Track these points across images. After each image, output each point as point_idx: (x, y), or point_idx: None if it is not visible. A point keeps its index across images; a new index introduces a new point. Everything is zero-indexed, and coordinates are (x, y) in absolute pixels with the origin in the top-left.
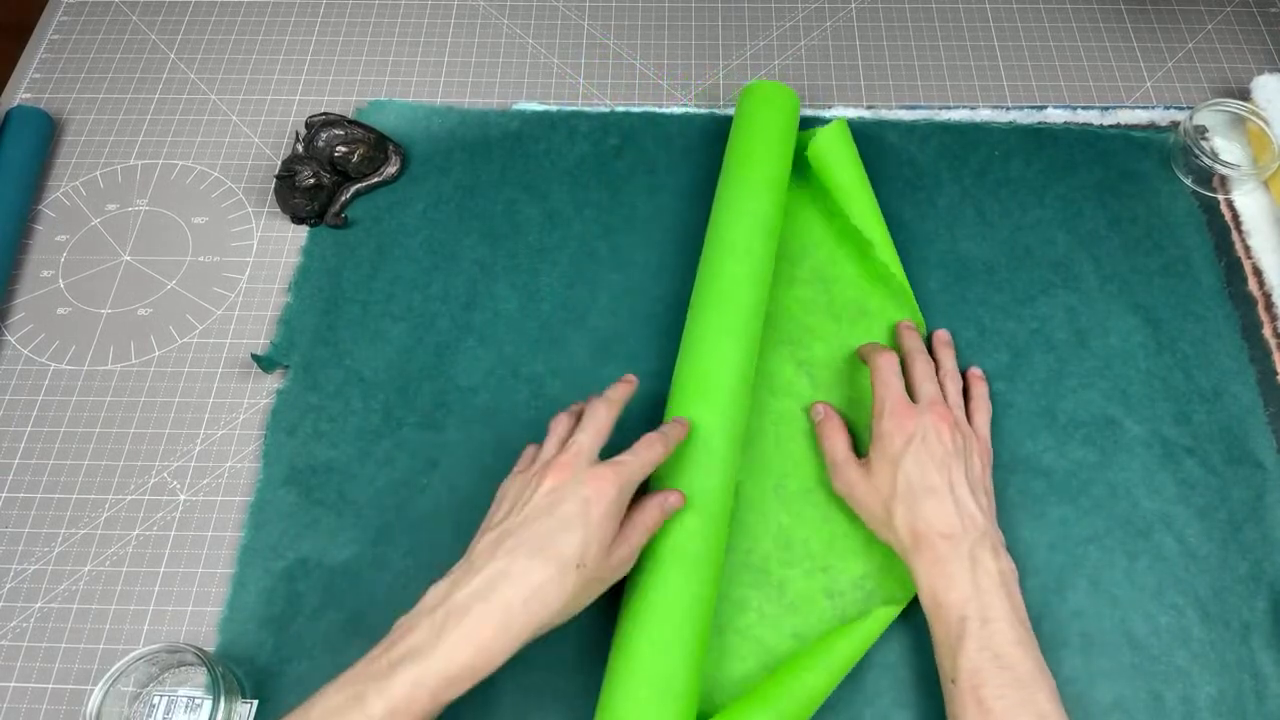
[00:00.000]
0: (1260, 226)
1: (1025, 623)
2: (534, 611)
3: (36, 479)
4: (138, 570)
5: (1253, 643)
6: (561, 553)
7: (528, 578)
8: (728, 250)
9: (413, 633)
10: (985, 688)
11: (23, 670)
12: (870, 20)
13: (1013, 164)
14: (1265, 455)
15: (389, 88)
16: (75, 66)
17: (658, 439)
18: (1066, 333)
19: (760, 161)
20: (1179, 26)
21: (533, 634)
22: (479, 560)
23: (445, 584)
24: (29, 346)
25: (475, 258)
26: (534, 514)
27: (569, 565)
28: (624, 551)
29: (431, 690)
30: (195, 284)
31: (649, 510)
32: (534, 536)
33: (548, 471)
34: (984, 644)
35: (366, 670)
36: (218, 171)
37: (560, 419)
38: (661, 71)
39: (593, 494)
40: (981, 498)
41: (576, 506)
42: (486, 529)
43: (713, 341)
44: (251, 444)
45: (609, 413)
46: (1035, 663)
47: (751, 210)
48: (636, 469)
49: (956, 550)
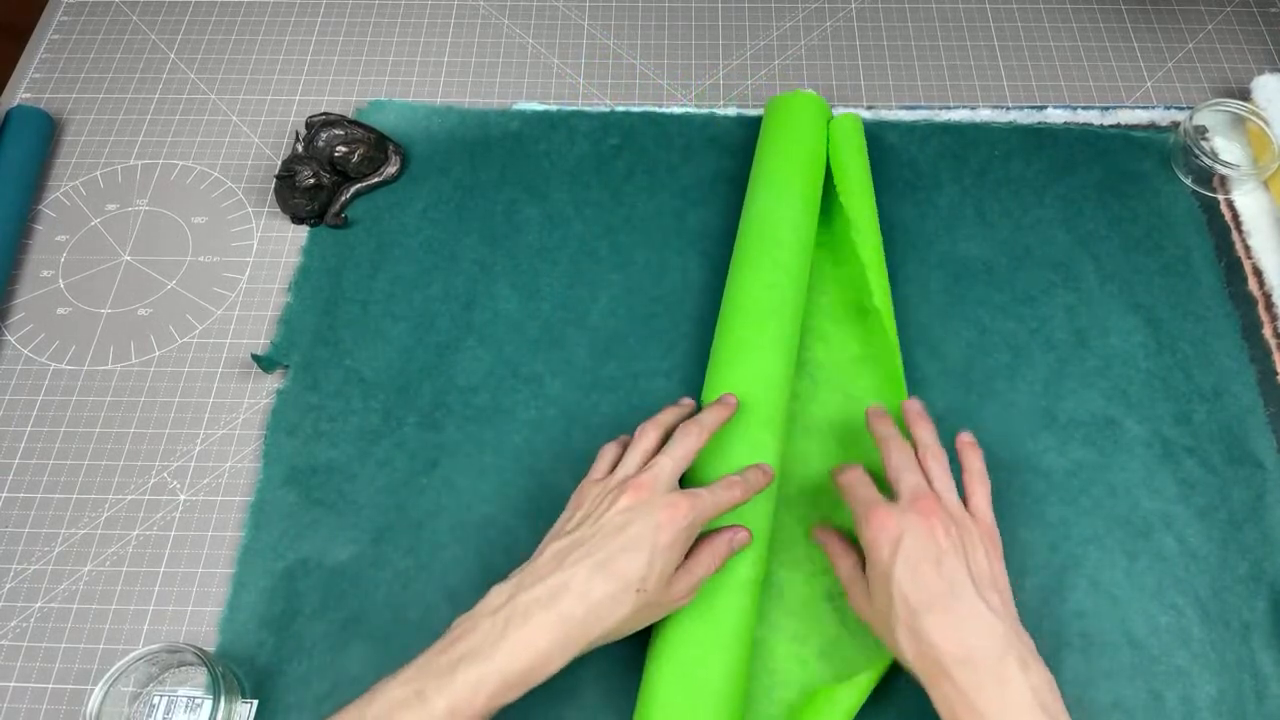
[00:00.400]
0: (1260, 226)
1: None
2: (590, 626)
3: (36, 479)
4: (138, 570)
5: (1253, 643)
6: (624, 572)
7: (589, 593)
8: (776, 267)
9: (474, 633)
10: None
11: (23, 670)
12: (870, 20)
13: (1013, 164)
14: (1265, 455)
15: (389, 88)
16: (75, 66)
17: (738, 483)
18: (1066, 333)
19: (801, 175)
20: (1179, 26)
21: (586, 648)
22: (544, 567)
23: (509, 586)
24: (29, 346)
25: (475, 258)
26: (604, 530)
27: (629, 586)
28: (686, 583)
29: (490, 692)
30: (195, 284)
31: (717, 545)
32: (600, 552)
33: (625, 488)
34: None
35: (427, 666)
36: (218, 171)
37: (647, 432)
38: (661, 71)
39: (665, 520)
40: (994, 597)
41: (647, 530)
42: (556, 535)
43: (771, 366)
44: (251, 444)
45: (699, 439)
46: None
47: (796, 225)
48: (710, 506)
49: (978, 678)
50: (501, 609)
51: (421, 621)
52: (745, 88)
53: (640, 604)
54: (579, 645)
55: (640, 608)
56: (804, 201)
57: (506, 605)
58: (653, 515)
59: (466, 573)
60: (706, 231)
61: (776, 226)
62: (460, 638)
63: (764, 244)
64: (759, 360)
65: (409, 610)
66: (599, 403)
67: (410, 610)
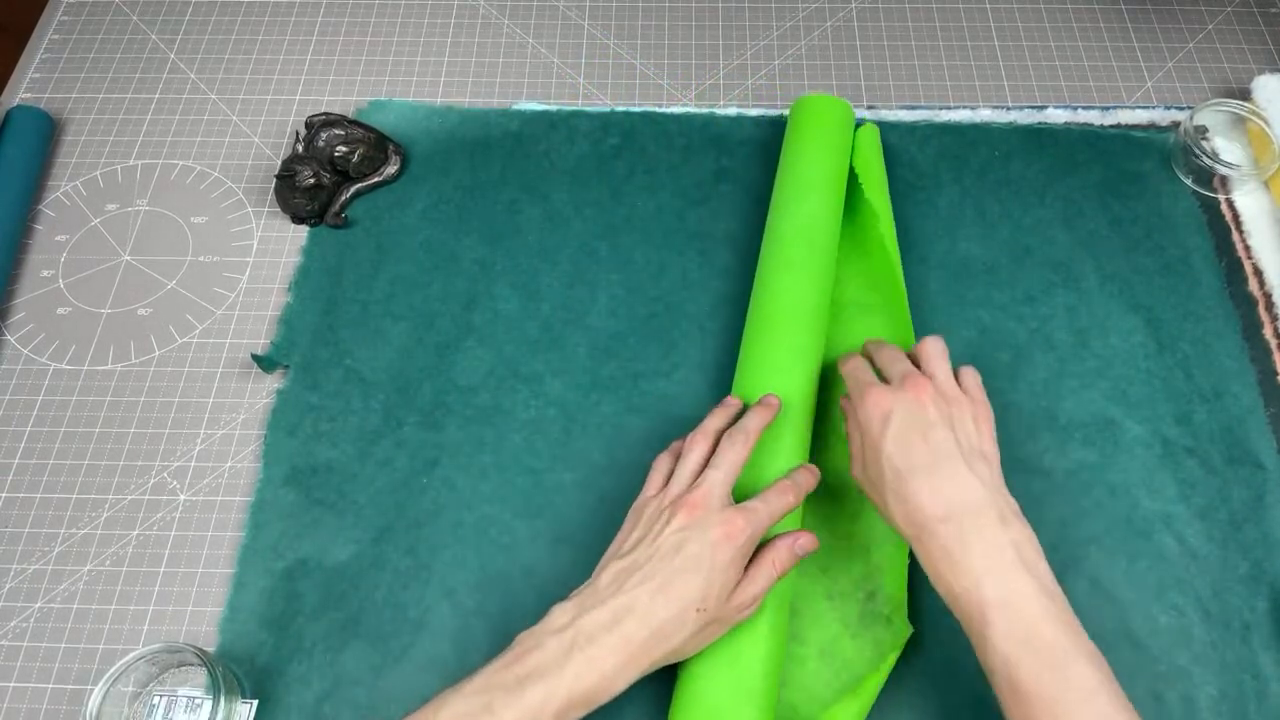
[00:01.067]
0: (1260, 227)
1: (1050, 592)
2: (654, 648)
3: (36, 479)
4: (138, 570)
5: (1253, 643)
6: (683, 594)
7: (651, 616)
8: (806, 271)
9: (539, 650)
10: (1020, 674)
11: (23, 670)
12: (870, 20)
13: (1013, 164)
14: (1265, 455)
15: (389, 88)
16: (75, 66)
17: (789, 488)
18: (1066, 333)
19: (835, 180)
20: (1179, 26)
21: (650, 668)
22: (605, 590)
23: (571, 606)
24: (29, 346)
25: (475, 258)
26: (661, 551)
27: (690, 607)
28: (747, 595)
29: (555, 711)
30: (195, 284)
31: (779, 552)
32: (659, 575)
33: (679, 507)
34: (1008, 630)
35: (492, 681)
36: (218, 171)
37: (697, 443)
38: (661, 71)
39: (719, 538)
40: (980, 465)
41: (703, 550)
42: (615, 555)
43: (807, 369)
44: (251, 444)
45: (745, 447)
46: (1069, 635)
47: (831, 229)
48: (765, 517)
49: (958, 532)
50: (566, 629)
51: (421, 621)
52: (745, 88)
53: (702, 623)
54: (643, 666)
55: (703, 626)
56: (836, 207)
57: (571, 626)
58: (707, 534)
59: (466, 573)
60: (706, 231)
61: (816, 230)
62: (526, 654)
63: (812, 250)
64: (799, 364)
65: (409, 610)
66: (599, 403)
67: (410, 610)
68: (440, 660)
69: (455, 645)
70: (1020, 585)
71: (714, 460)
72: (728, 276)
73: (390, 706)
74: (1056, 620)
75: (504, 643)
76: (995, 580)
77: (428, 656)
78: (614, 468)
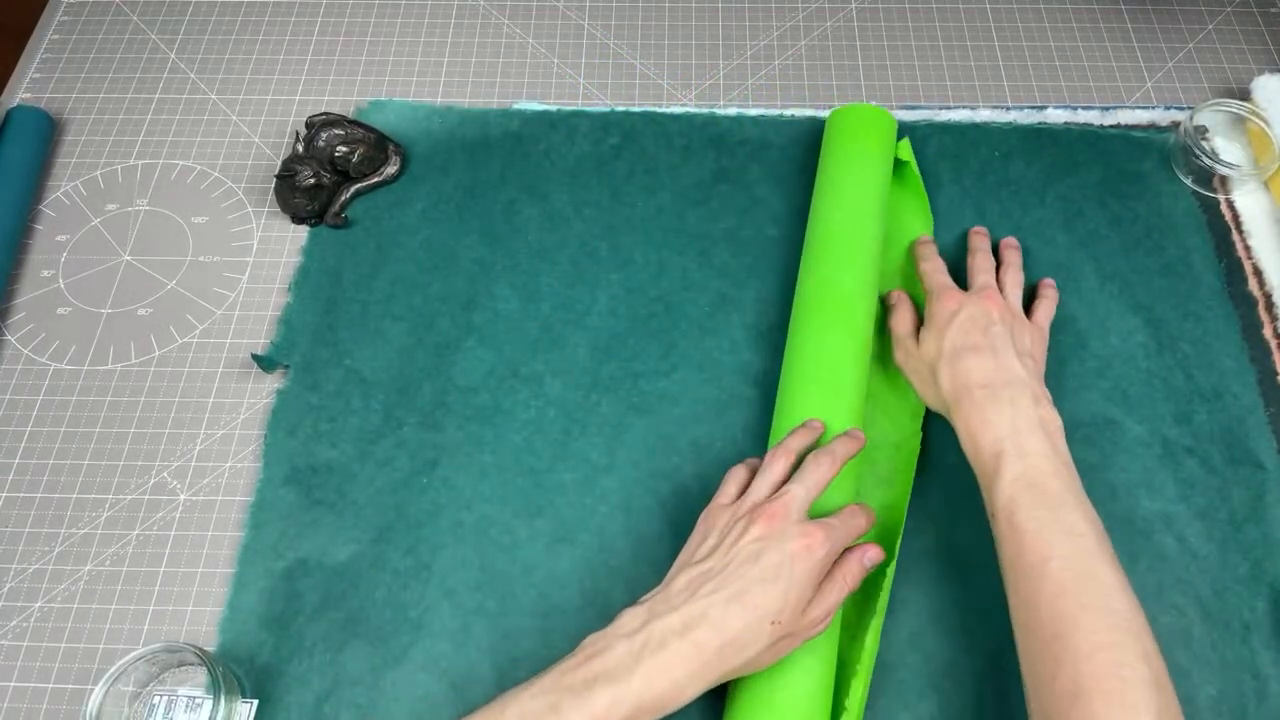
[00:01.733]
0: (1260, 227)
1: (1064, 460)
2: (726, 658)
3: (36, 479)
4: (138, 570)
5: (1253, 643)
6: (760, 604)
7: (725, 625)
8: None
9: (608, 653)
10: (1019, 513)
11: (23, 670)
12: (870, 20)
13: (1013, 164)
14: (1265, 455)
15: (389, 88)
16: (75, 66)
17: (863, 512)
18: (1066, 333)
19: (883, 196)
20: (1179, 26)
21: (720, 679)
22: (677, 597)
23: (642, 611)
24: (29, 346)
25: (475, 258)
26: (738, 560)
27: (765, 618)
28: (820, 610)
29: (622, 715)
30: (195, 284)
31: (849, 567)
32: (734, 584)
33: (757, 517)
34: (1018, 475)
35: (560, 682)
36: (218, 171)
37: (778, 459)
38: (661, 71)
39: (800, 551)
40: (1028, 360)
41: (782, 560)
42: (687, 563)
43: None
44: (251, 444)
45: (830, 469)
46: (1072, 492)
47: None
48: (843, 536)
49: (994, 396)
50: (637, 633)
51: (421, 621)
52: (745, 88)
53: (777, 636)
54: (713, 676)
55: (776, 640)
56: (882, 229)
57: (642, 631)
58: (786, 545)
59: (466, 573)
60: (706, 231)
61: (873, 264)
62: (594, 657)
63: (870, 285)
64: (854, 404)
65: (409, 610)
66: (599, 403)
67: (410, 610)
68: (440, 660)
69: (455, 645)
70: (1038, 445)
71: (798, 475)
72: (728, 276)
73: (390, 706)
74: (1063, 479)
75: (504, 643)
76: (1018, 439)
77: (428, 656)
78: (614, 468)
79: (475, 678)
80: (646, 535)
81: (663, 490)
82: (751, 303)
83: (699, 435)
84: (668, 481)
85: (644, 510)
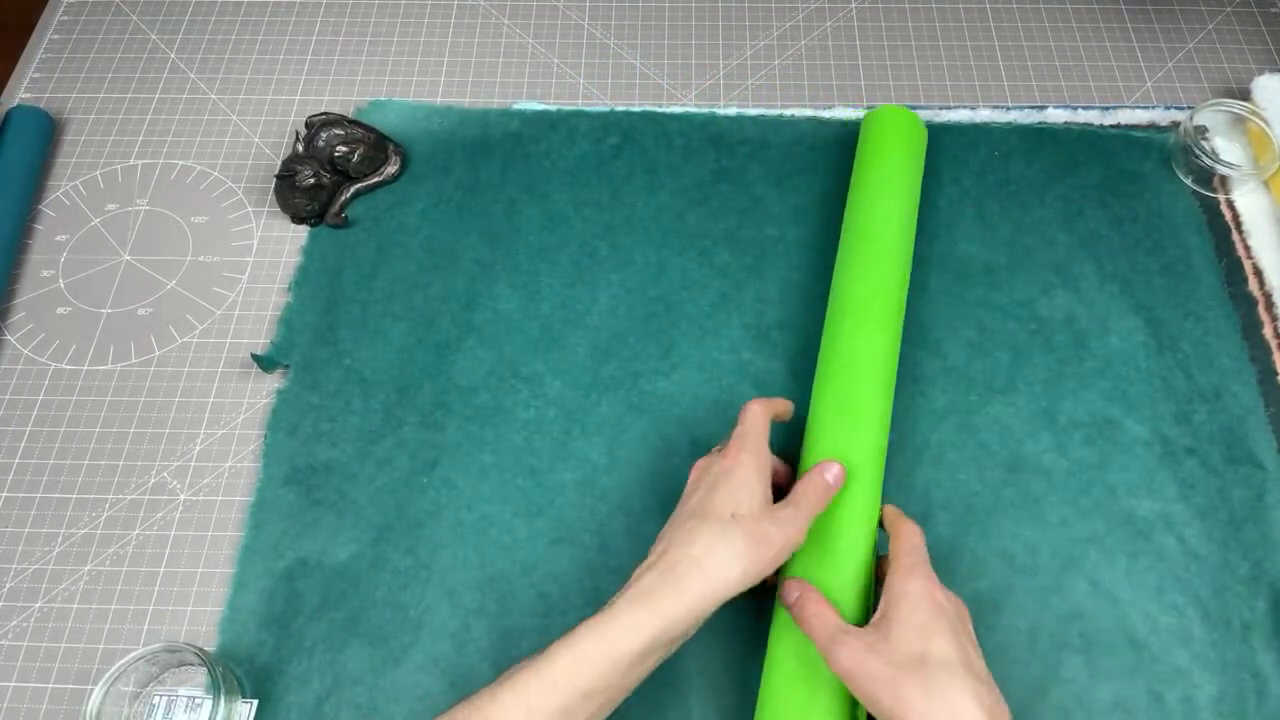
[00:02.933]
0: (1260, 226)
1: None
2: (710, 575)
3: (36, 479)
4: (138, 570)
5: (1253, 643)
6: (714, 508)
7: (692, 542)
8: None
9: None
10: None
11: (23, 670)
12: (870, 20)
13: (1013, 164)
14: (1265, 455)
15: (389, 88)
16: (75, 66)
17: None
18: (1066, 333)
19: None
20: (1179, 26)
21: (715, 600)
22: (656, 545)
23: (638, 570)
24: (29, 346)
25: (475, 258)
26: (688, 492)
27: (724, 517)
28: (790, 513)
29: (610, 644)
30: (195, 284)
31: (812, 478)
32: (691, 507)
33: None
34: None
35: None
36: (218, 171)
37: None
38: (661, 71)
39: (730, 450)
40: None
41: (717, 470)
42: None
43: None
44: (251, 444)
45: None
46: None
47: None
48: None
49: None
50: (630, 588)
51: (421, 621)
52: (745, 88)
53: (746, 533)
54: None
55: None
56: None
57: (635, 583)
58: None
59: (466, 572)
60: (706, 231)
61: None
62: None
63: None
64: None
65: (409, 610)
66: (599, 403)
67: (410, 610)
68: (440, 660)
69: (455, 645)
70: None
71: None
72: (728, 276)
73: (390, 706)
74: None
75: (504, 643)
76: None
77: (428, 656)
78: (614, 468)
79: (475, 678)
80: (646, 535)
81: (663, 490)
82: (751, 303)
83: (699, 435)
84: (668, 481)
85: (644, 510)
